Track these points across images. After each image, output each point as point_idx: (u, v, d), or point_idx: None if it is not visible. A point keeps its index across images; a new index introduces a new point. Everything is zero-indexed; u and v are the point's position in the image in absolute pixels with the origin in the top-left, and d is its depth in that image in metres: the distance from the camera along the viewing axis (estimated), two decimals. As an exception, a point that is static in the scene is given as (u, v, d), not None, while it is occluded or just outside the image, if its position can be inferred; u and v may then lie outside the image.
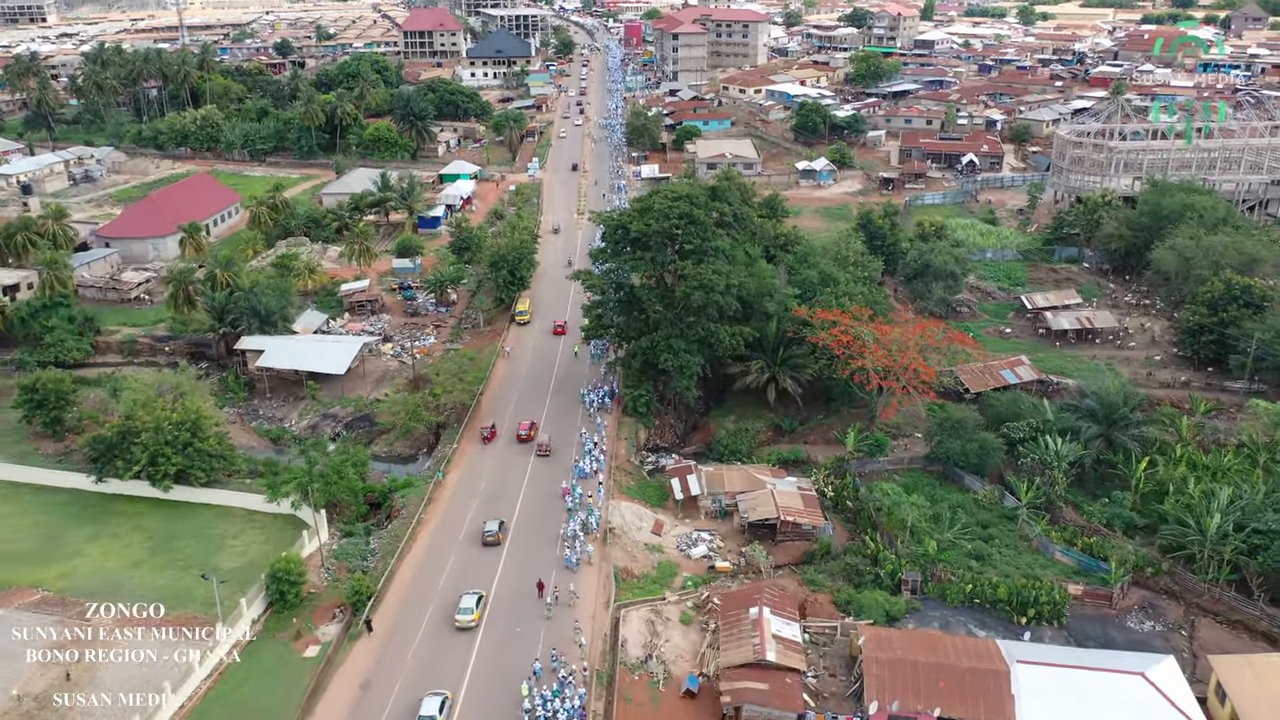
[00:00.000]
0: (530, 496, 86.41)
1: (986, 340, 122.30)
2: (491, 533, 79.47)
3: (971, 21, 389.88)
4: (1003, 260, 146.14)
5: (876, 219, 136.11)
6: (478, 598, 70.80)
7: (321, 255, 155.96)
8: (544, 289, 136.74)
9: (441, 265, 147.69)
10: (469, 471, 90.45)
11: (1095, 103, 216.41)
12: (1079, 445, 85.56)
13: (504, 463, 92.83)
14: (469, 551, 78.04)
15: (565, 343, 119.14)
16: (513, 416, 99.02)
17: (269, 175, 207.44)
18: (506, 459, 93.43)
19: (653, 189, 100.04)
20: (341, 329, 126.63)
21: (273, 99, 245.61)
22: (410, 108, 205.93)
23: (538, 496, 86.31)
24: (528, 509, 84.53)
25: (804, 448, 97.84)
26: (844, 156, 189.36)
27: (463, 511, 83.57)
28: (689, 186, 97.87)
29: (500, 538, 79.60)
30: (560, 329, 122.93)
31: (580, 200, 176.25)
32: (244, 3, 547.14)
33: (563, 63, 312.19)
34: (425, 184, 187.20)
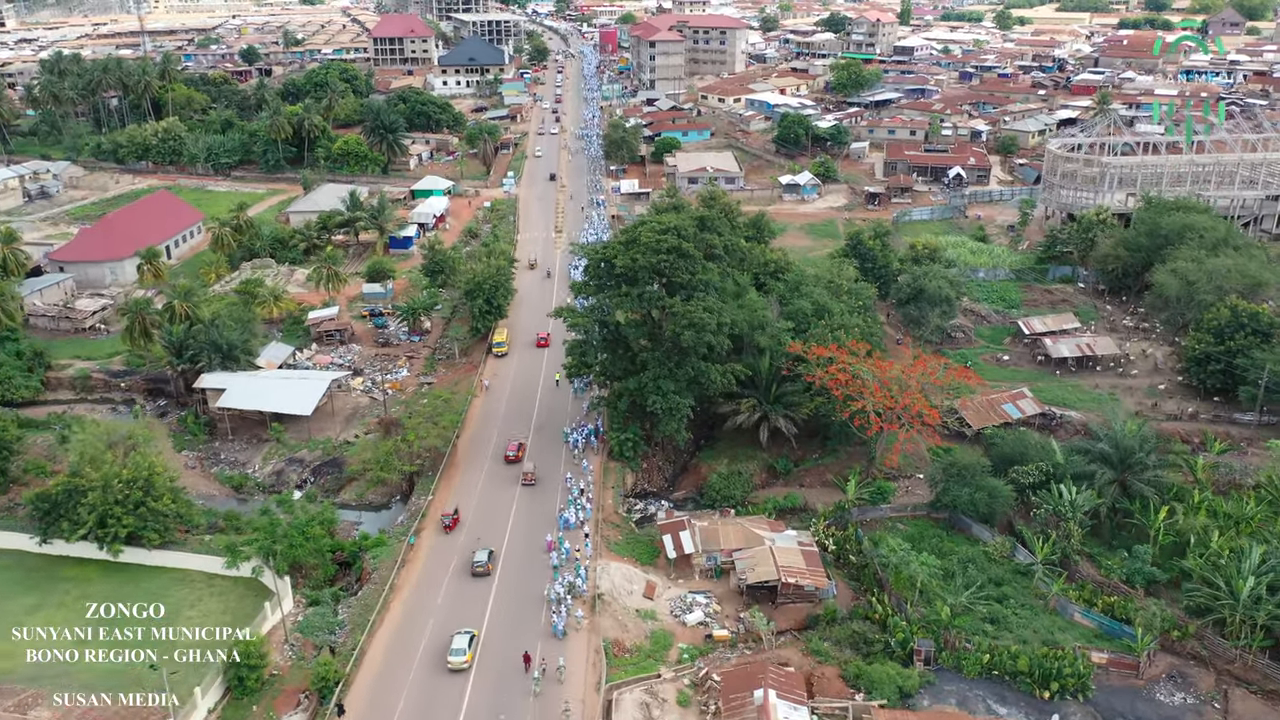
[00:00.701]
0: (517, 535, 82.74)
1: (983, 368, 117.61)
2: (481, 563, 77.79)
3: (949, 26, 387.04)
4: (995, 280, 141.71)
5: (867, 239, 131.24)
6: (469, 637, 69.23)
7: (288, 279, 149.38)
8: (522, 312, 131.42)
9: (414, 289, 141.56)
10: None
11: (1081, 112, 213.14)
12: (1093, 492, 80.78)
13: (489, 492, 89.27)
14: (445, 625, 72.10)
15: (547, 367, 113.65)
16: (489, 470, 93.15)
17: (233, 191, 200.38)
18: (491, 488, 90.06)
19: (638, 220, 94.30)
20: (309, 362, 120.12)
21: (238, 109, 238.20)
22: (380, 120, 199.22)
23: (524, 532, 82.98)
24: (516, 545, 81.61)
25: (800, 492, 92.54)
26: (828, 170, 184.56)
27: (437, 578, 77.65)
28: (676, 217, 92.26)
29: (490, 568, 77.87)
30: (543, 341, 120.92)
31: (558, 217, 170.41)
32: (209, 6, 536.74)
33: (537, 70, 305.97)
34: (397, 201, 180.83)
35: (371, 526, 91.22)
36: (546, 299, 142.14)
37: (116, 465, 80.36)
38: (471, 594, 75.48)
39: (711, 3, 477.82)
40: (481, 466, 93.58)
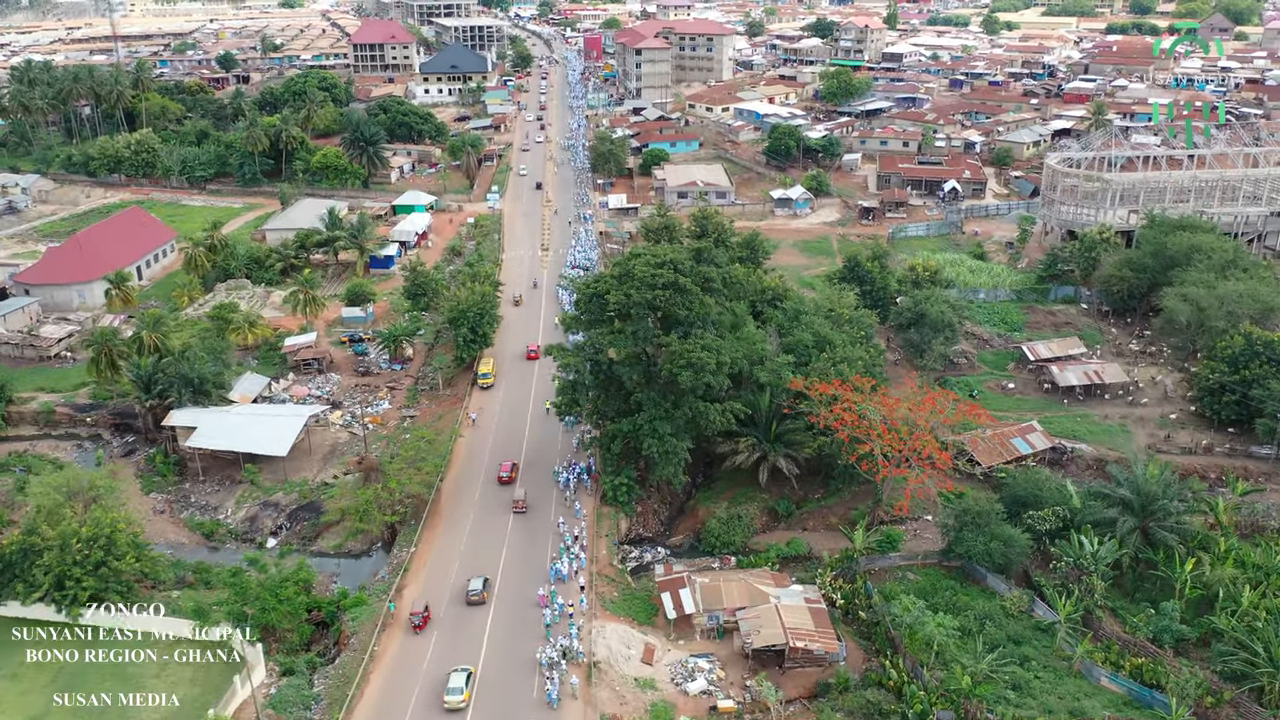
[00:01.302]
0: (509, 582, 78.96)
1: (988, 396, 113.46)
2: (476, 591, 76.53)
3: (936, 31, 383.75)
4: (996, 301, 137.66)
5: (865, 261, 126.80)
6: (466, 675, 67.65)
7: (264, 301, 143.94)
8: (511, 323, 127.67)
9: (396, 313, 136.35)
10: (432, 574, 79.47)
11: (1076, 122, 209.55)
12: (1115, 542, 76.49)
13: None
14: (430, 696, 67.14)
15: (536, 396, 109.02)
16: (480, 509, 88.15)
17: (209, 205, 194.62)
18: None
19: (631, 252, 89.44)
20: (285, 394, 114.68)
21: (214, 119, 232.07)
22: (360, 132, 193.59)
23: (515, 582, 79.20)
24: (508, 590, 78.32)
25: (804, 537, 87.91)
26: (821, 184, 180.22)
27: (421, 649, 72.67)
28: (671, 249, 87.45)
29: (485, 596, 76.75)
30: (533, 354, 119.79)
31: (544, 234, 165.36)
32: (186, 10, 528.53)
33: (520, 77, 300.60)
34: (378, 216, 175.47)
35: (351, 576, 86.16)
36: (535, 310, 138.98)
37: (76, 522, 74.88)
38: (462, 648, 70.72)
39: (695, 7, 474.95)
40: (467, 515, 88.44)
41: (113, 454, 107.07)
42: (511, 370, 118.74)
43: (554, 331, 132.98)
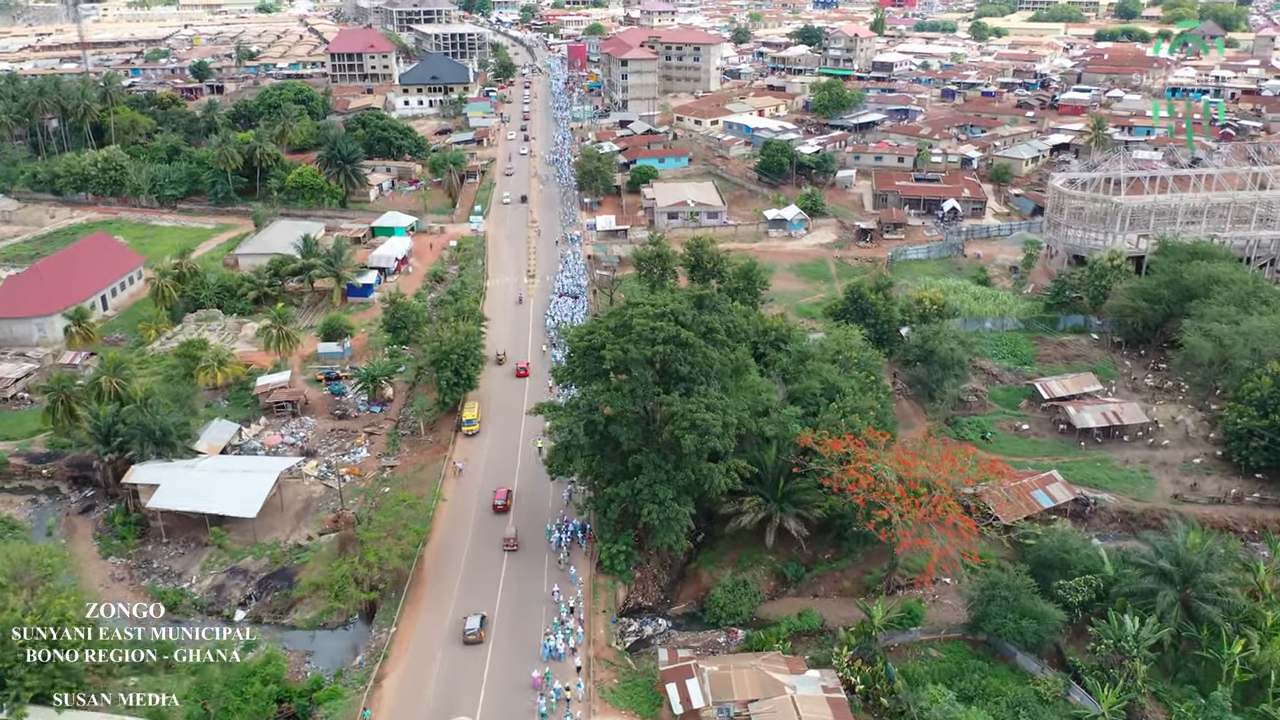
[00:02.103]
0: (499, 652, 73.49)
1: (1002, 438, 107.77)
2: (473, 630, 74.85)
3: (924, 37, 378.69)
4: (1003, 331, 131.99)
5: (868, 293, 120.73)
6: None
7: (236, 333, 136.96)
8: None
9: (374, 346, 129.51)
10: (411, 676, 72.61)
11: (1074, 136, 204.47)
12: (1156, 620, 70.60)
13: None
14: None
15: (525, 439, 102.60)
16: (464, 585, 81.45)
17: (179, 226, 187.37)
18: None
19: (628, 303, 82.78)
20: (256, 441, 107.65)
21: (186, 133, 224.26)
22: (338, 150, 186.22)
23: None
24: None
25: (816, 606, 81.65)
26: (816, 203, 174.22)
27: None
28: (671, 298, 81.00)
29: (483, 635, 75.04)
30: (523, 371, 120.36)
31: (530, 259, 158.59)
32: (160, 15, 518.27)
33: (503, 87, 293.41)
34: (356, 239, 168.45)
35: (326, 654, 79.49)
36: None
37: (19, 611, 67.67)
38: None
39: (679, 12, 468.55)
40: (451, 588, 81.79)
41: (69, 510, 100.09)
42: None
43: (544, 339, 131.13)
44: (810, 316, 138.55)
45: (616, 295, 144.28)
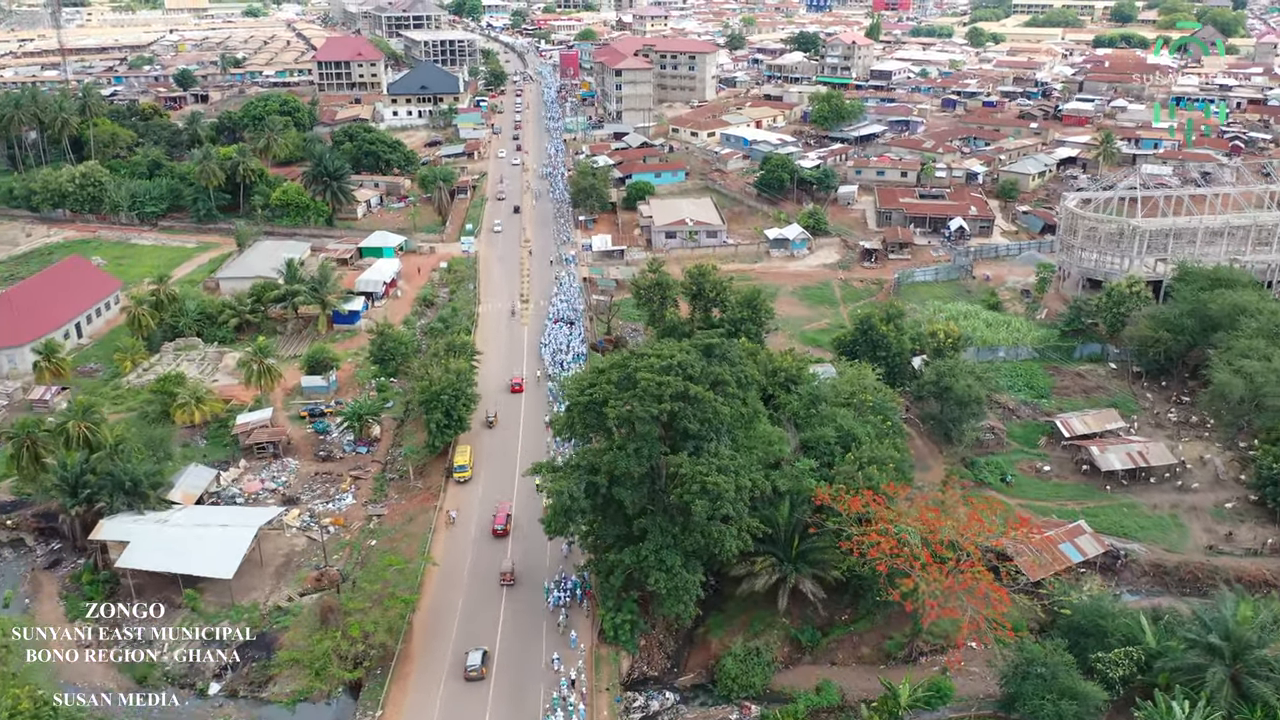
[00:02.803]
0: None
1: (1022, 480, 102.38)
2: (474, 667, 73.66)
3: (920, 43, 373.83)
4: (1017, 360, 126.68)
5: (878, 324, 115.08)
6: None
7: (216, 364, 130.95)
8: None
9: (360, 378, 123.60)
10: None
11: (1081, 149, 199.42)
12: (1205, 700, 65.18)
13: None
14: None
15: (520, 491, 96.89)
16: (455, 661, 75.63)
17: (160, 245, 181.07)
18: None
19: (631, 353, 76.75)
20: (235, 488, 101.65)
21: (168, 147, 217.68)
22: (323, 166, 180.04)
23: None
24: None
25: (834, 677, 75.98)
26: (818, 221, 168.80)
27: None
28: (678, 348, 75.13)
29: (484, 672, 73.85)
30: (518, 387, 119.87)
31: (524, 282, 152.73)
32: (146, 20, 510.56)
33: (494, 96, 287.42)
34: (343, 261, 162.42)
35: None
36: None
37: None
38: None
39: (671, 16, 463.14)
40: (442, 664, 75.97)
41: (35, 565, 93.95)
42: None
43: (541, 349, 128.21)
44: (816, 344, 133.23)
45: (614, 322, 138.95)
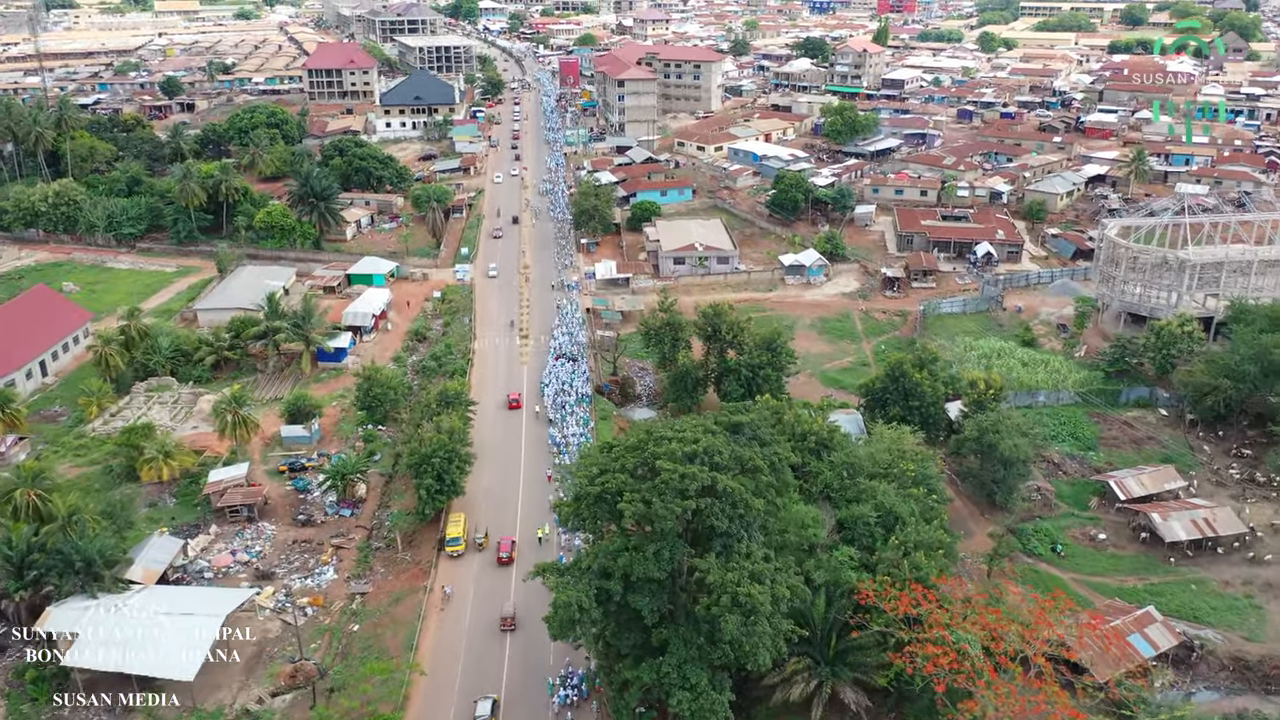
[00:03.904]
0: None
1: (1076, 552, 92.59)
2: (484, 718, 70.35)
3: (929, 48, 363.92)
4: (1058, 405, 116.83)
5: (910, 370, 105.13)
6: None
7: (190, 407, 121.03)
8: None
9: (343, 432, 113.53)
10: None
11: (1110, 167, 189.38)
12: None
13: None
14: None
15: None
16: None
17: (137, 269, 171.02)
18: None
19: (648, 434, 66.04)
20: (203, 560, 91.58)
21: (150, 160, 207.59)
22: (311, 187, 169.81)
23: None
24: None
25: (882, 805, 66.29)
26: (836, 246, 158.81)
27: None
28: (702, 430, 64.95)
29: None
30: (515, 403, 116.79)
31: (522, 313, 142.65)
32: (134, 23, 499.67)
33: (491, 105, 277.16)
34: (329, 289, 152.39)
35: None
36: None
37: None
38: None
39: (672, 20, 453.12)
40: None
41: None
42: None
43: (543, 388, 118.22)
44: (838, 386, 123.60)
45: (620, 359, 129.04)
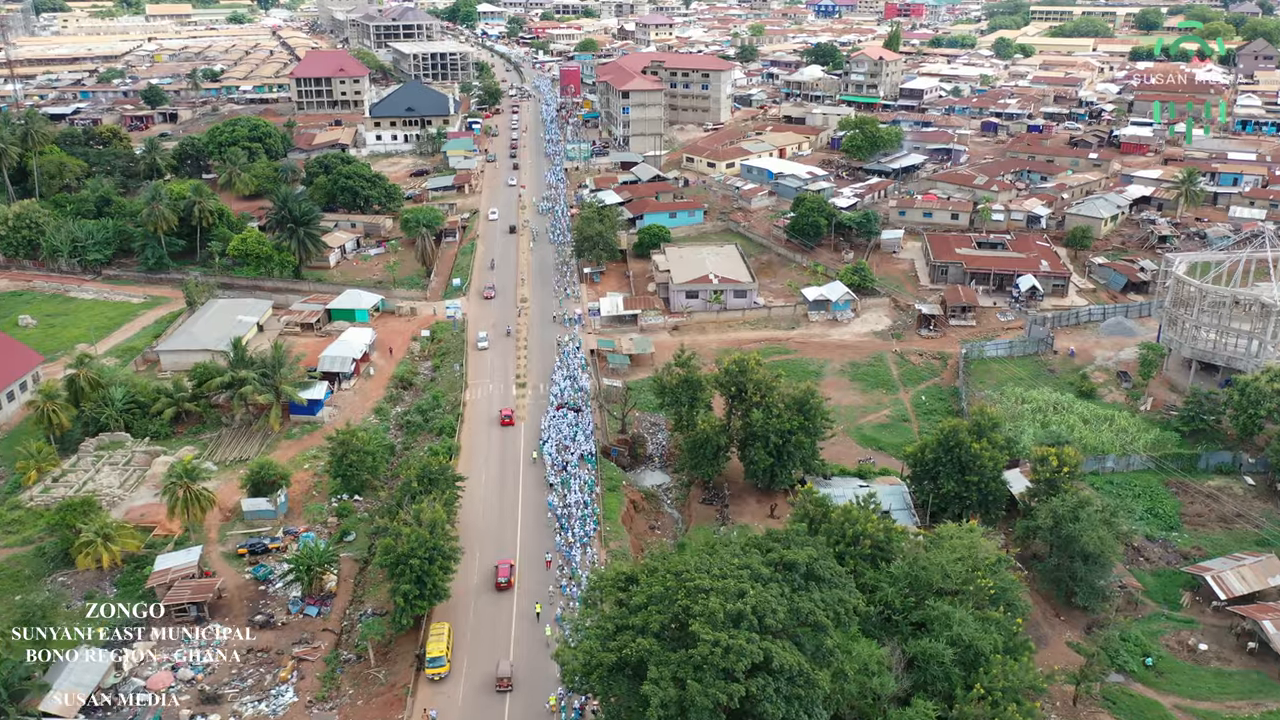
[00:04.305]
0: None
1: (1174, 666, 78.26)
2: None
3: (943, 54, 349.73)
4: (1129, 471, 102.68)
5: (968, 439, 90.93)
6: None
7: (144, 470, 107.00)
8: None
9: (311, 510, 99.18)
10: None
11: (1155, 188, 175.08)
12: None
13: None
14: None
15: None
16: None
17: (102, 299, 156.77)
18: None
19: (678, 579, 51.68)
20: (138, 679, 77.33)
21: (124, 177, 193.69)
22: (289, 211, 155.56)
23: None
24: None
25: None
26: (865, 279, 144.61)
27: None
28: (748, 575, 50.75)
29: None
30: (508, 419, 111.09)
31: (520, 358, 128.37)
32: (124, 28, 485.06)
33: (488, 115, 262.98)
34: (307, 325, 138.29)
35: None
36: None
37: None
38: None
39: (676, 24, 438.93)
40: None
41: None
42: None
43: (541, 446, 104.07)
44: (877, 447, 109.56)
45: (629, 413, 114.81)
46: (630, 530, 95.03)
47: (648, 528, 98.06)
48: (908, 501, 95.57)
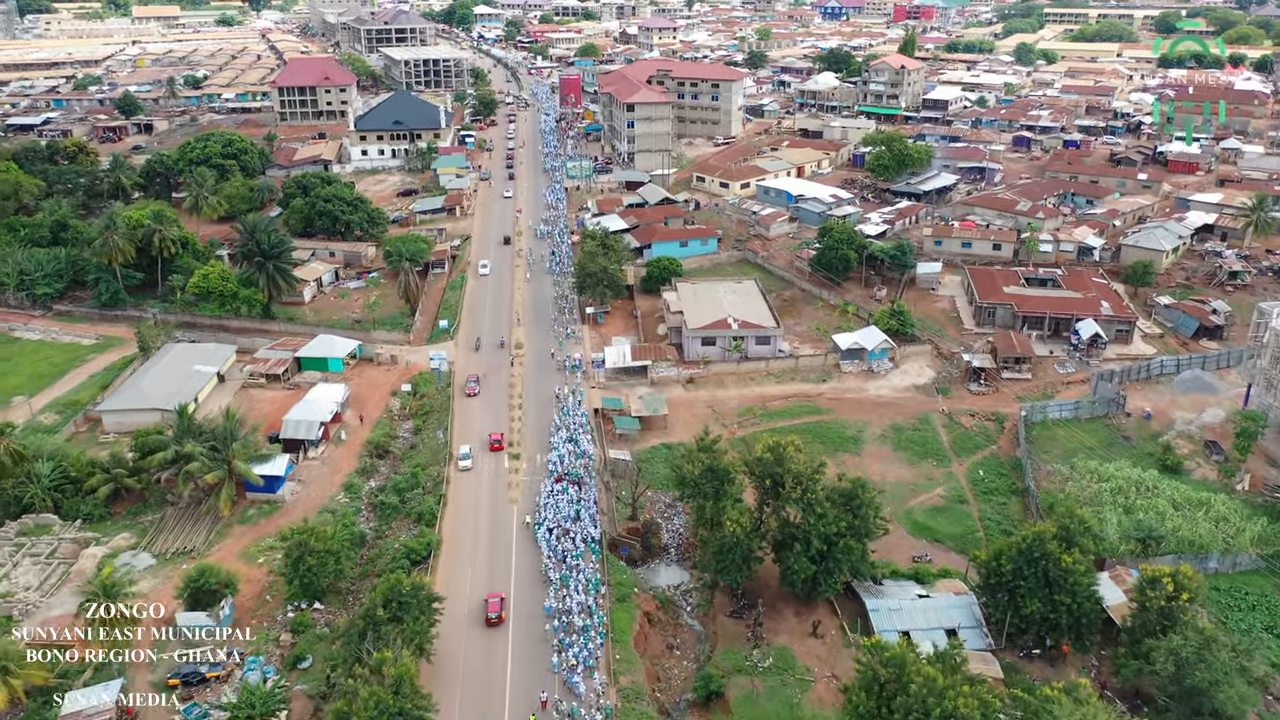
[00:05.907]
0: None
1: None
2: None
3: (961, 60, 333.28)
4: (1235, 572, 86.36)
5: (1053, 547, 74.61)
6: None
7: (70, 565, 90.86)
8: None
9: (259, 626, 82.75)
10: None
11: (1219, 215, 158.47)
12: None
13: None
14: None
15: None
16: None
17: (49, 340, 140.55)
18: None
19: None
20: None
21: (86, 197, 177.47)
22: (258, 243, 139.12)
23: None
24: None
25: None
26: (903, 322, 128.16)
27: None
28: None
29: None
30: (498, 444, 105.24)
31: (513, 417, 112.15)
32: (108, 31, 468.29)
33: (483, 126, 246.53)
34: (272, 376, 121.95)
35: None
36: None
37: None
38: None
39: (679, 27, 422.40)
40: None
41: None
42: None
43: (536, 530, 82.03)
44: (931, 537, 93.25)
45: (640, 494, 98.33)
46: (644, 653, 78.85)
47: (664, 647, 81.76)
48: (978, 618, 79.29)
